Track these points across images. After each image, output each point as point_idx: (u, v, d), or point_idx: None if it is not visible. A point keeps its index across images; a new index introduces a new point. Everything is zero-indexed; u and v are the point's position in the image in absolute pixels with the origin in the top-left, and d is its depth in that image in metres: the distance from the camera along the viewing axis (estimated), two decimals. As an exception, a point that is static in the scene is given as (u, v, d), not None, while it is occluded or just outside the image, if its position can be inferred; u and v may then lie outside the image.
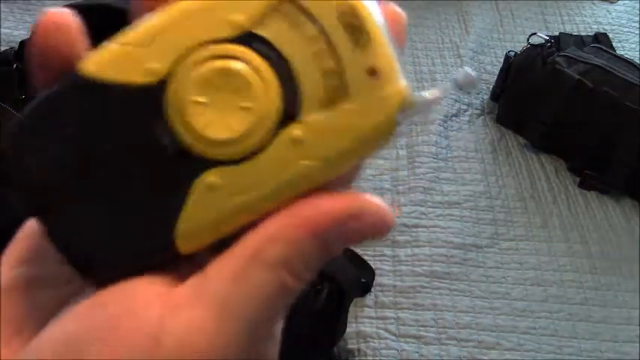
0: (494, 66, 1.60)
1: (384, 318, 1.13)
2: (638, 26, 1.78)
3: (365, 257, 1.18)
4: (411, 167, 1.37)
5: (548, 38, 1.46)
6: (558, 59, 1.39)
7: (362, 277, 1.15)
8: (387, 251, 1.22)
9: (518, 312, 1.16)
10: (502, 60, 1.52)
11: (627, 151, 1.32)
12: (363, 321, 1.12)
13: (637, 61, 1.44)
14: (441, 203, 1.32)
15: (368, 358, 1.07)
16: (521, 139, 1.46)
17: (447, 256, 1.22)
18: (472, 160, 1.42)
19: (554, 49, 1.44)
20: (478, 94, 1.55)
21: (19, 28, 1.52)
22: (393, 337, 1.10)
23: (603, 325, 1.15)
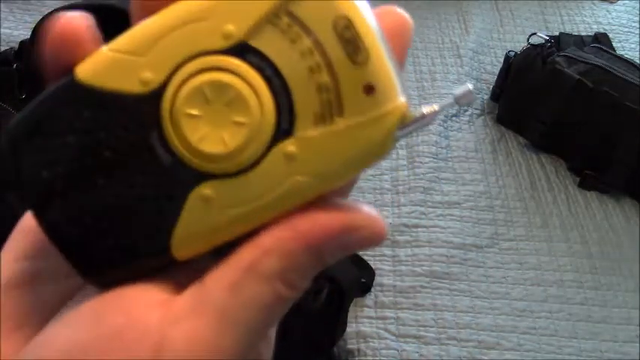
0: (494, 66, 1.60)
1: (384, 318, 1.13)
2: (638, 26, 1.78)
3: (365, 257, 1.18)
4: (411, 167, 1.37)
5: (548, 38, 1.46)
6: (558, 59, 1.39)
7: (362, 277, 1.15)
8: (387, 251, 1.22)
9: (518, 312, 1.16)
10: (502, 60, 1.52)
11: (627, 151, 1.32)
12: (363, 321, 1.12)
13: (637, 61, 1.44)
14: (441, 203, 1.32)
15: (368, 358, 1.07)
16: (521, 139, 1.46)
17: (447, 256, 1.22)
18: (472, 160, 1.41)
19: (554, 49, 1.44)
20: (478, 94, 1.55)
21: (19, 28, 1.52)
22: (393, 337, 1.10)
23: (603, 325, 1.15)
